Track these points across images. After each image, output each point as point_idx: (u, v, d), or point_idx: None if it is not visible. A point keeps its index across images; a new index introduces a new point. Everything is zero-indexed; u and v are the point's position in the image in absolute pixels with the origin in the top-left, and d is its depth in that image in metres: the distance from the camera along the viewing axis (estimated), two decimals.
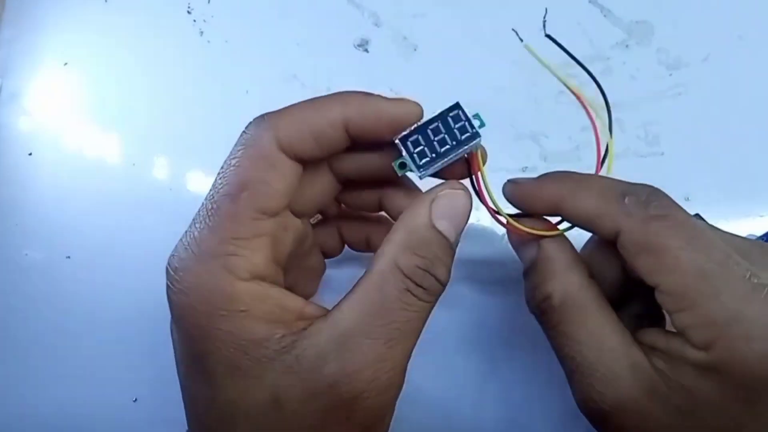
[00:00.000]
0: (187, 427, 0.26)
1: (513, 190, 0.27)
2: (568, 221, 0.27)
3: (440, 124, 0.26)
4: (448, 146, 0.25)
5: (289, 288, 0.28)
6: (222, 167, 0.25)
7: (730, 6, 0.38)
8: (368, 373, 0.23)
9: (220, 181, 0.25)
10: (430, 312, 0.25)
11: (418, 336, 0.25)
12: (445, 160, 0.26)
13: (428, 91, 0.39)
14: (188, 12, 0.42)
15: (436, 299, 0.25)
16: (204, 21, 0.41)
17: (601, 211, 0.25)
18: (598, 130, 0.29)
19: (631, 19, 0.39)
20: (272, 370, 0.23)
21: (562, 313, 0.26)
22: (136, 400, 0.37)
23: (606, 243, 0.26)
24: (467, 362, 0.36)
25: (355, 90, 0.26)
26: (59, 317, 0.38)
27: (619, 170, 0.27)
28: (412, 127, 0.26)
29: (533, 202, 0.27)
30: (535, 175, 0.27)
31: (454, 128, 0.26)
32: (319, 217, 0.31)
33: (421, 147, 0.25)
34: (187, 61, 0.41)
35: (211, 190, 0.25)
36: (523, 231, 0.27)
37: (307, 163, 0.26)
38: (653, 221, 0.24)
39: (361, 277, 0.24)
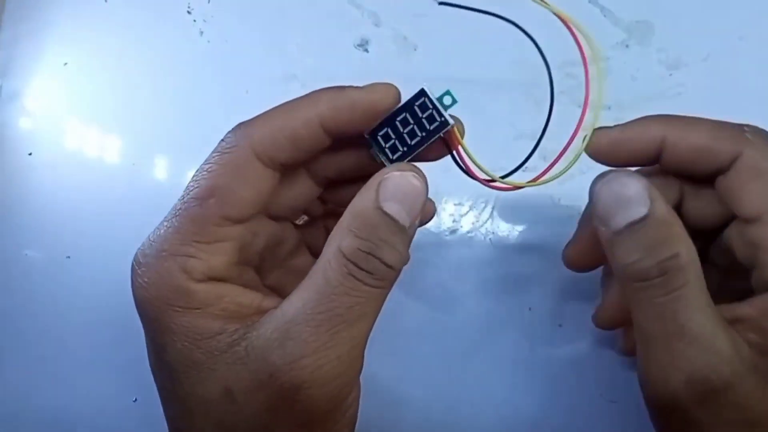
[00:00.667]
0: None
1: (605, 137, 0.27)
2: (667, 164, 0.26)
3: (408, 115, 0.25)
4: (418, 138, 0.25)
5: (275, 288, 0.28)
6: (196, 171, 0.25)
7: (730, 6, 0.38)
8: (309, 361, 0.22)
9: (191, 184, 0.25)
10: (382, 298, 0.24)
11: (370, 323, 0.24)
12: (419, 149, 0.25)
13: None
14: (188, 12, 0.42)
15: (386, 284, 0.24)
16: (204, 21, 0.41)
17: (719, 139, 0.25)
18: (587, 63, 0.27)
19: (631, 19, 0.39)
20: (224, 363, 0.23)
21: (687, 274, 0.23)
22: (136, 400, 0.37)
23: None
24: (467, 363, 0.36)
25: (327, 87, 0.26)
26: (59, 317, 0.38)
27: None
28: (381, 120, 0.25)
29: (632, 147, 0.26)
30: (535, 175, 0.27)
31: (423, 118, 0.25)
32: (305, 218, 0.31)
33: (392, 141, 0.25)
34: (187, 61, 0.41)
35: (184, 191, 0.25)
36: (520, 186, 0.26)
37: (286, 167, 0.26)
38: None
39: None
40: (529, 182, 0.26)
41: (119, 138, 0.40)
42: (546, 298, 0.36)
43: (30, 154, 0.41)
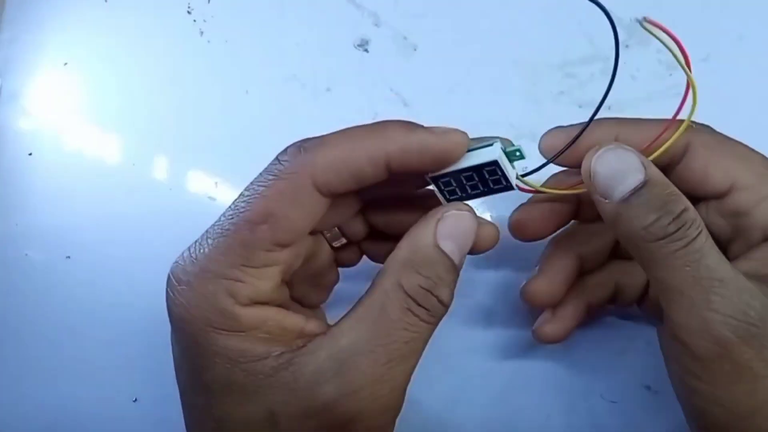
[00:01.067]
0: None
1: (559, 138, 0.28)
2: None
3: (474, 174, 0.25)
4: (478, 191, 0.26)
5: (298, 298, 0.28)
6: (248, 188, 0.24)
7: (730, 6, 0.38)
8: (366, 393, 0.22)
9: (242, 204, 0.24)
10: (431, 334, 0.25)
11: (419, 357, 0.24)
12: (476, 198, 0.26)
13: (428, 91, 0.39)
14: (188, 12, 0.42)
15: (438, 321, 0.24)
16: (204, 21, 0.41)
17: (667, 132, 0.26)
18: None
19: (631, 19, 0.38)
20: (269, 387, 0.23)
21: (699, 224, 0.24)
22: (136, 400, 0.37)
23: None
24: (468, 363, 0.36)
25: (398, 120, 0.25)
26: (59, 317, 0.38)
27: None
28: (447, 171, 0.25)
29: (587, 147, 0.26)
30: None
31: (488, 179, 0.25)
32: (343, 241, 0.30)
33: (452, 187, 0.26)
34: (187, 61, 0.41)
35: (231, 209, 0.24)
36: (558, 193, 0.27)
37: (344, 193, 0.25)
38: (716, 133, 0.27)
39: (363, 294, 0.24)
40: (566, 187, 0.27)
41: (119, 138, 0.40)
42: None
43: (30, 154, 0.41)
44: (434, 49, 0.40)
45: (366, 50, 0.40)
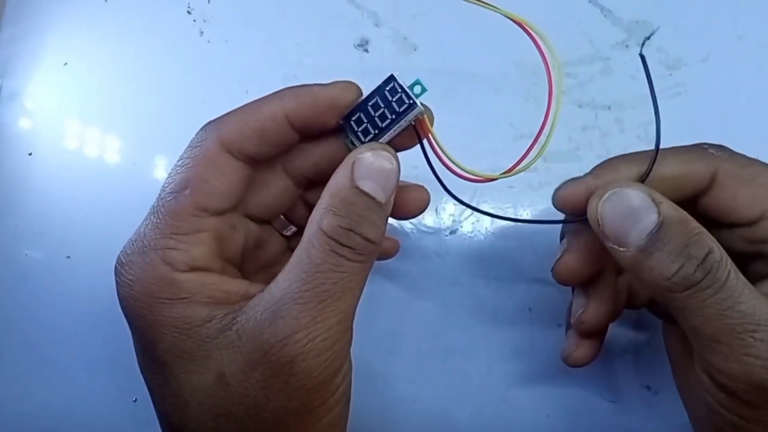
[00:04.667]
0: None
1: (579, 188, 0.27)
2: None
3: (378, 99, 0.26)
4: (388, 120, 0.26)
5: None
6: (171, 169, 0.26)
7: (730, 6, 0.38)
8: (300, 336, 0.23)
9: (167, 181, 0.26)
10: (365, 272, 0.25)
11: (355, 297, 0.25)
12: (389, 133, 0.26)
13: (428, 91, 0.39)
14: (188, 12, 0.42)
15: (367, 258, 0.25)
16: (204, 21, 0.41)
17: (690, 163, 0.25)
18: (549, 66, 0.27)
19: (631, 19, 0.39)
20: (216, 349, 0.23)
21: (726, 263, 0.23)
22: (136, 400, 0.37)
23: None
24: (465, 364, 0.36)
25: (291, 86, 0.27)
26: (59, 317, 0.38)
27: None
28: (354, 105, 0.26)
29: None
30: (535, 174, 0.27)
31: (392, 101, 0.26)
32: (293, 228, 0.31)
33: (364, 125, 0.26)
34: (187, 61, 0.41)
35: (160, 190, 0.26)
36: (487, 178, 0.27)
37: (258, 162, 0.27)
38: (739, 157, 0.26)
39: None
40: (502, 174, 0.26)
41: (119, 138, 0.40)
42: (546, 298, 0.36)
43: (30, 154, 0.41)
44: (434, 49, 0.40)
45: (366, 50, 0.40)
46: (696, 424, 0.28)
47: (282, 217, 0.31)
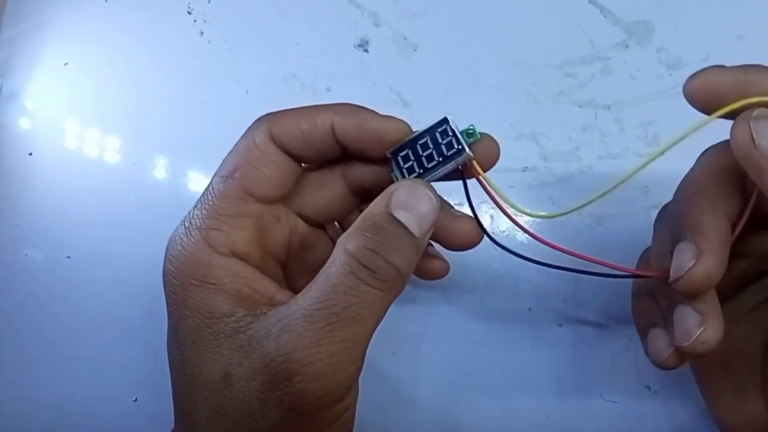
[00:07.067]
0: None
1: (721, 80, 0.23)
2: None
3: (429, 139, 0.26)
4: (435, 162, 0.25)
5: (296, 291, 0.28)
6: (225, 157, 0.27)
7: (730, 6, 0.38)
8: (301, 355, 0.22)
9: (219, 171, 0.27)
10: (383, 303, 0.23)
11: (368, 327, 0.23)
12: (435, 173, 0.26)
13: (428, 91, 0.39)
14: (188, 12, 0.42)
15: (388, 288, 0.23)
16: (204, 21, 0.41)
17: None
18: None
19: (631, 19, 0.39)
20: (227, 348, 0.23)
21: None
22: (136, 400, 0.37)
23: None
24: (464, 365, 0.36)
25: (350, 102, 0.27)
26: (59, 317, 0.38)
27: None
28: (404, 142, 0.26)
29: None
30: (535, 174, 0.27)
31: (441, 143, 0.25)
32: (337, 227, 0.31)
33: (411, 162, 0.26)
34: (187, 61, 0.41)
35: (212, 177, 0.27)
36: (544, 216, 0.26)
37: (304, 161, 0.27)
38: None
39: None
40: (551, 214, 0.26)
41: (119, 138, 0.40)
42: (546, 298, 0.36)
43: (30, 154, 0.41)
44: (434, 49, 0.40)
45: (366, 50, 0.40)
46: None
47: (336, 224, 0.31)
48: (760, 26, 0.38)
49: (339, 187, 0.29)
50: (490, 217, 0.37)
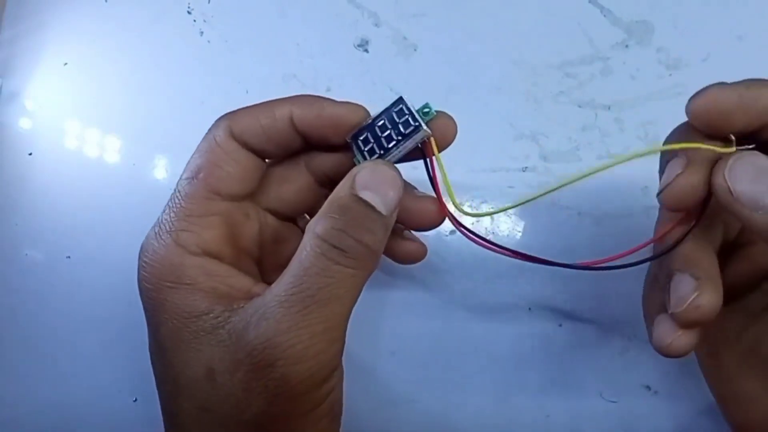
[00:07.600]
0: None
1: (724, 97, 0.24)
2: None
3: (386, 120, 0.26)
4: (394, 141, 0.26)
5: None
6: (188, 160, 0.27)
7: (730, 6, 0.38)
8: (281, 340, 0.22)
9: (182, 172, 0.27)
10: (356, 281, 0.24)
11: (345, 306, 0.24)
12: (395, 153, 0.26)
13: (428, 91, 0.39)
14: (188, 12, 0.42)
15: (360, 265, 0.24)
16: (204, 21, 0.41)
17: None
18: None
19: (631, 19, 0.39)
20: (207, 344, 0.24)
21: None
22: (136, 400, 0.37)
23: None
24: (463, 366, 0.36)
25: (307, 94, 0.27)
26: (59, 317, 0.38)
27: (619, 170, 0.27)
28: (363, 125, 0.26)
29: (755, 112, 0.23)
30: (534, 174, 0.27)
31: (399, 122, 0.26)
32: (307, 218, 0.32)
33: (371, 144, 0.26)
34: (187, 61, 0.41)
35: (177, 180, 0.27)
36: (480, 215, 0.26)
37: (267, 156, 0.28)
38: None
39: None
40: (486, 212, 0.27)
41: (119, 138, 0.40)
42: (546, 298, 0.36)
43: (30, 154, 0.41)
44: (434, 49, 0.40)
45: (366, 50, 0.40)
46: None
47: (307, 216, 0.31)
48: (760, 26, 0.38)
49: (304, 179, 0.29)
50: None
